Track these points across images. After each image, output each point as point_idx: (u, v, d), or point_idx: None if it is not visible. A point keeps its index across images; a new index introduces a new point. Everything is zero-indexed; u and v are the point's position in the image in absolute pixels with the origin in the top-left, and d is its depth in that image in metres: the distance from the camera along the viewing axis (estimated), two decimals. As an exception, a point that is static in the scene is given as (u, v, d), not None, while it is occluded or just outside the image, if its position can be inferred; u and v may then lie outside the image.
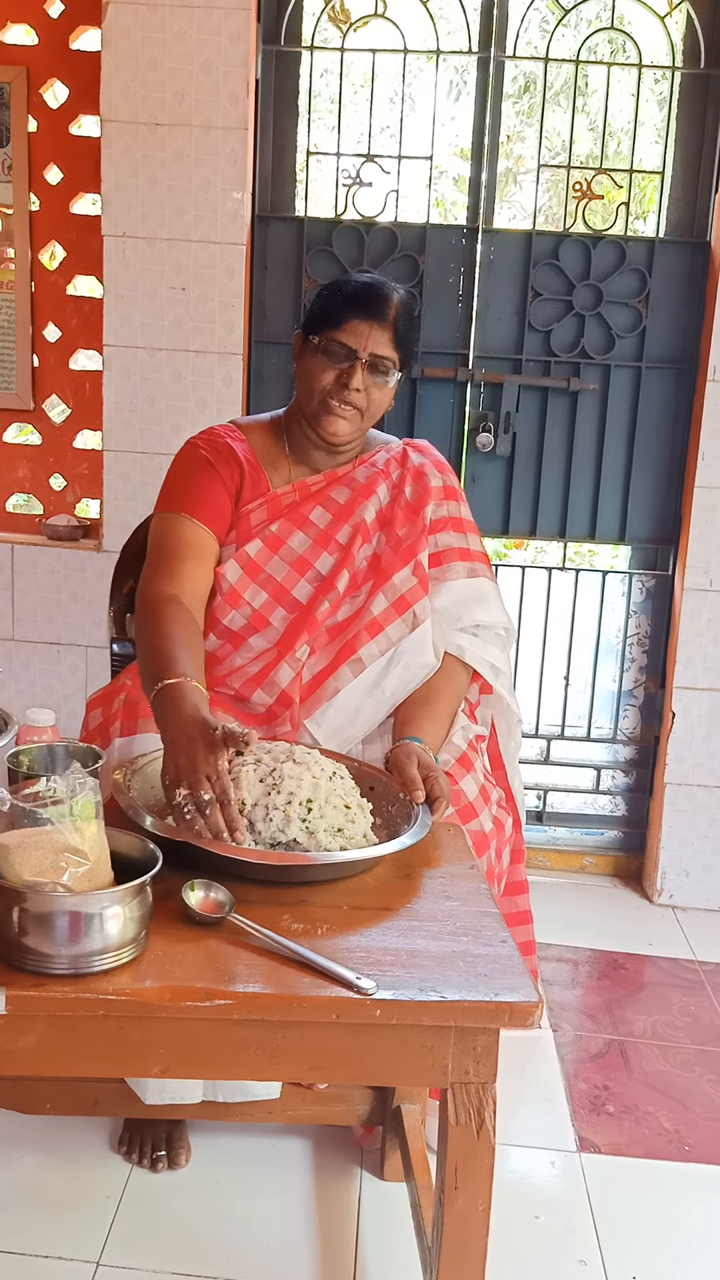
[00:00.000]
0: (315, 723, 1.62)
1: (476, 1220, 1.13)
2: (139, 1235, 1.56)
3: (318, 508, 1.74)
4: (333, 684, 1.64)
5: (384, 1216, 1.63)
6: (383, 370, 1.67)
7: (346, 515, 1.74)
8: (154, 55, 2.41)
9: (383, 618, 1.69)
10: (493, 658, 1.75)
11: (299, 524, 1.73)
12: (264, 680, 1.64)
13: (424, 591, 1.71)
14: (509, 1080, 1.90)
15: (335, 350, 1.66)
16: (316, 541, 1.72)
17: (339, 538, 1.73)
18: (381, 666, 1.66)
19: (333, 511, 1.74)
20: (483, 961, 1.14)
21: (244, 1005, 1.06)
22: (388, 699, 1.67)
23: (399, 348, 1.68)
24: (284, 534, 1.72)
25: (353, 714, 1.65)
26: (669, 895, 2.71)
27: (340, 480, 1.77)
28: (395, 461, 1.81)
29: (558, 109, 2.61)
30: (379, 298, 1.67)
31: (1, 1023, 1.06)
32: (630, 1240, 1.62)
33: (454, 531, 1.78)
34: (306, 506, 1.74)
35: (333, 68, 2.56)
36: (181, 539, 1.69)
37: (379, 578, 1.72)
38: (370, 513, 1.75)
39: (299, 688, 1.64)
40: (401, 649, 1.67)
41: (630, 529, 2.71)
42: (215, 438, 1.77)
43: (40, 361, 2.72)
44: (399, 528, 1.75)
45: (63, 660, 2.74)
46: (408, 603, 1.70)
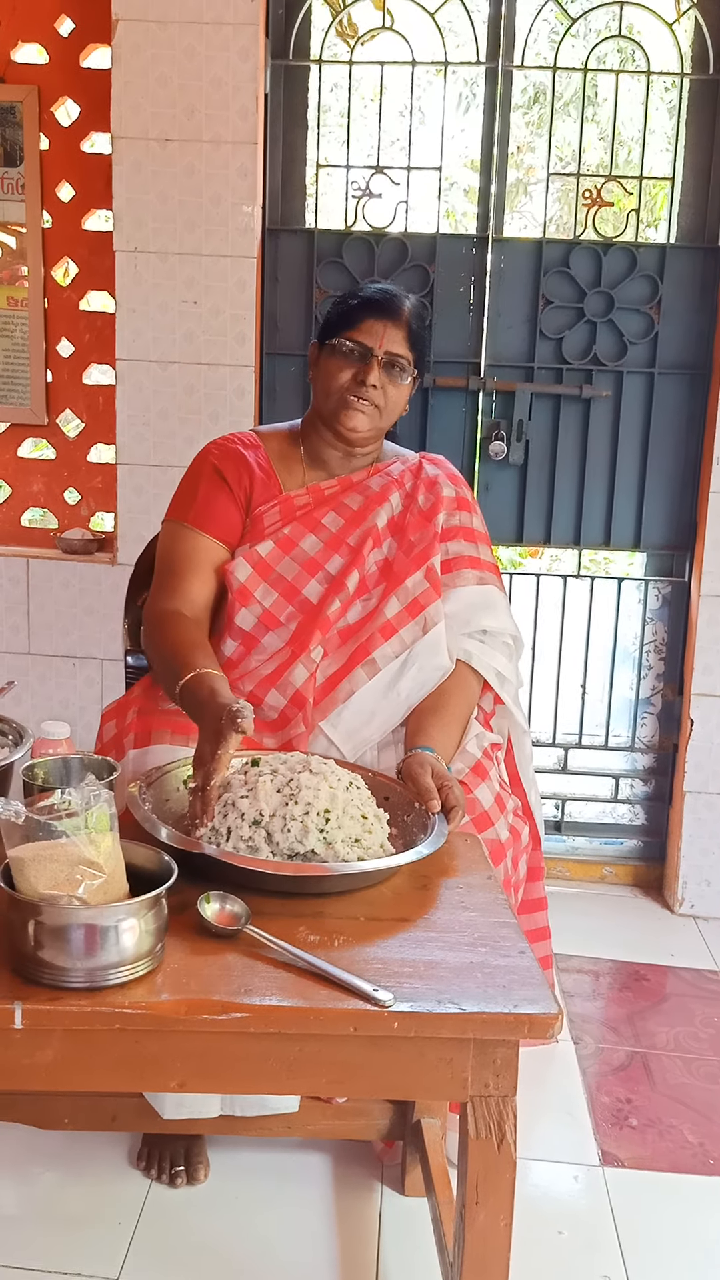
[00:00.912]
0: (331, 725, 1.63)
1: (498, 1236, 1.11)
2: (158, 1252, 1.55)
3: (330, 512, 1.76)
4: (347, 686, 1.65)
5: (405, 1232, 1.61)
6: (399, 368, 1.72)
7: (359, 520, 1.76)
8: (164, 72, 2.42)
9: (396, 620, 1.70)
10: (499, 665, 1.76)
11: (311, 527, 1.75)
12: (278, 680, 1.65)
13: (436, 595, 1.72)
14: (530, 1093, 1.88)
15: (352, 349, 1.71)
16: (328, 544, 1.74)
17: (350, 541, 1.75)
18: (396, 668, 1.67)
19: (345, 517, 1.76)
20: (501, 973, 1.13)
21: (261, 1018, 1.05)
22: (403, 701, 1.67)
23: (413, 347, 1.73)
24: (296, 536, 1.74)
25: (368, 716, 1.65)
26: (690, 905, 2.68)
27: (354, 487, 1.79)
28: (410, 472, 1.83)
29: (567, 118, 2.61)
30: (393, 299, 1.74)
31: (18, 1037, 1.05)
32: (655, 1256, 1.59)
33: (465, 541, 1.80)
34: (320, 511, 1.76)
35: (341, 81, 2.57)
36: (184, 553, 1.73)
37: (391, 581, 1.73)
38: (382, 519, 1.76)
39: (313, 688, 1.65)
40: (415, 651, 1.68)
41: (645, 535, 2.69)
42: (229, 445, 1.81)
43: (54, 377, 2.74)
44: (411, 534, 1.77)
45: (78, 673, 2.75)
46: (420, 605, 1.71)
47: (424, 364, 1.78)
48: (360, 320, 1.71)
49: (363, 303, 1.73)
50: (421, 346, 1.76)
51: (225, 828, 1.32)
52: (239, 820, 1.31)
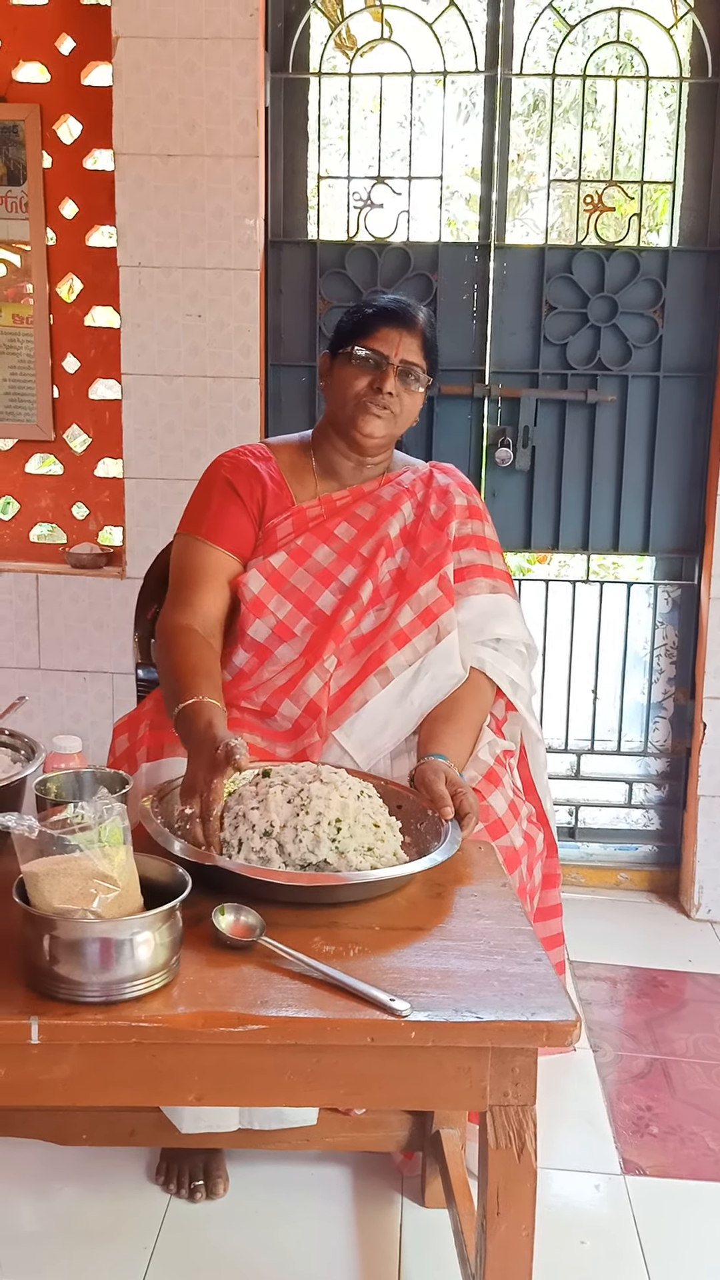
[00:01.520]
0: (345, 734, 1.63)
1: (520, 1246, 1.11)
2: (179, 1267, 1.54)
3: (343, 523, 1.77)
4: (360, 695, 1.65)
5: (426, 1244, 1.60)
6: (414, 377, 1.73)
7: (371, 530, 1.76)
8: (164, 88, 2.44)
9: (409, 629, 1.70)
10: (513, 673, 1.75)
11: (324, 538, 1.75)
12: (292, 690, 1.65)
13: (449, 604, 1.72)
14: (549, 1102, 1.87)
15: (368, 357, 1.71)
16: (341, 555, 1.74)
17: (363, 551, 1.75)
18: (409, 678, 1.67)
19: (358, 527, 1.77)
20: (518, 981, 1.12)
21: (277, 1030, 1.05)
22: (416, 710, 1.67)
23: (427, 356, 1.74)
24: (309, 547, 1.75)
25: (382, 725, 1.65)
26: (707, 910, 2.67)
27: (366, 498, 1.80)
28: (421, 481, 1.83)
29: (567, 125, 2.62)
30: (408, 309, 1.75)
31: (35, 1052, 1.05)
32: (679, 1264, 1.58)
33: (477, 549, 1.80)
34: (332, 522, 1.77)
35: (341, 93, 2.58)
36: (197, 566, 1.74)
37: (404, 590, 1.73)
38: (395, 528, 1.77)
39: (327, 698, 1.65)
40: (429, 660, 1.68)
41: (654, 539, 2.69)
42: (240, 458, 1.81)
43: (60, 392, 2.75)
44: (424, 543, 1.77)
45: (89, 688, 2.75)
46: (434, 614, 1.71)
47: (436, 374, 1.79)
48: (375, 329, 1.72)
49: (378, 312, 1.74)
50: (434, 355, 1.77)
51: (237, 839, 1.32)
52: (250, 832, 1.31)
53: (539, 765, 1.82)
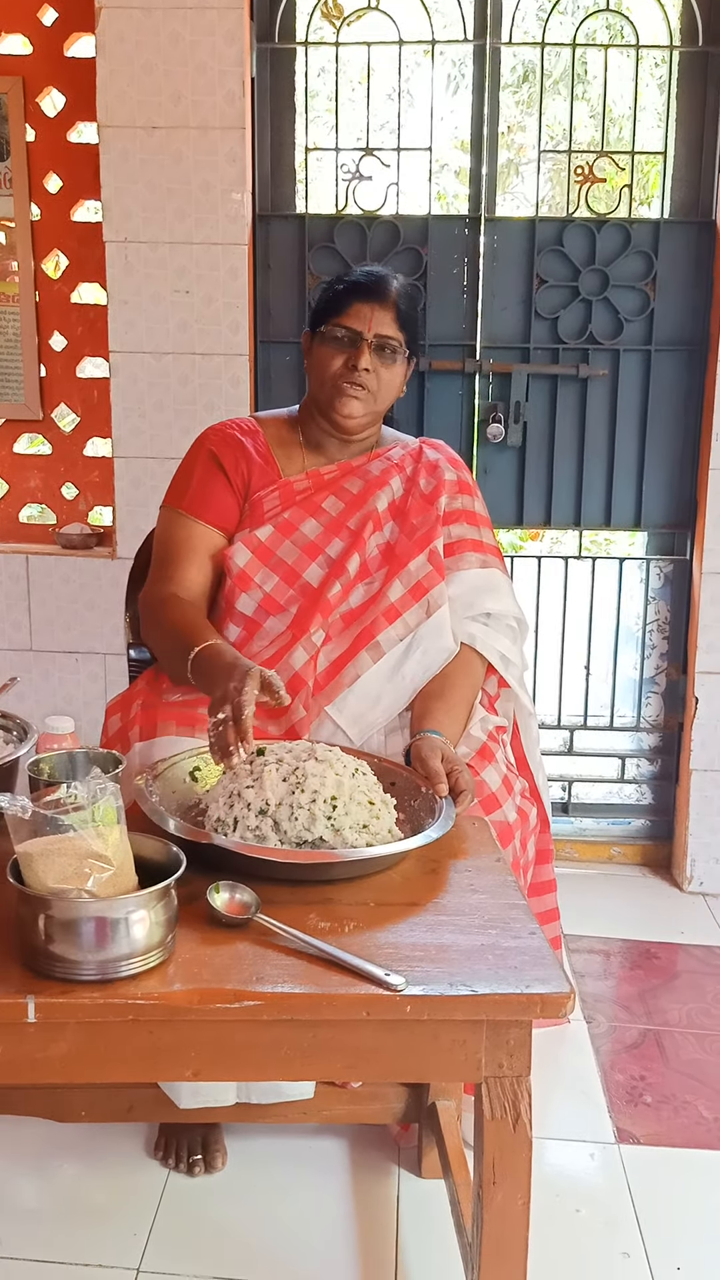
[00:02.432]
0: (337, 709, 1.63)
1: (516, 1215, 1.12)
2: (178, 1240, 1.56)
3: (330, 497, 1.76)
4: (352, 670, 1.65)
5: (423, 1214, 1.62)
6: (389, 350, 1.71)
7: (359, 504, 1.76)
8: (149, 59, 2.40)
9: (400, 604, 1.70)
10: (503, 648, 1.75)
11: (311, 512, 1.75)
12: (277, 663, 1.65)
13: (440, 578, 1.72)
14: (544, 1073, 1.89)
15: (341, 335, 1.71)
16: (328, 528, 1.74)
17: (350, 524, 1.74)
18: (401, 652, 1.67)
19: (345, 501, 1.76)
20: (512, 954, 1.13)
21: (273, 1006, 1.05)
22: (408, 684, 1.67)
23: (404, 328, 1.72)
24: (296, 520, 1.74)
25: (374, 699, 1.65)
26: (699, 882, 2.69)
27: (354, 471, 1.79)
28: (410, 456, 1.83)
29: (557, 97, 2.59)
30: (379, 281, 1.73)
31: (31, 1031, 1.05)
32: (673, 1231, 1.60)
33: (467, 524, 1.80)
34: (320, 496, 1.76)
35: (328, 65, 2.55)
36: (180, 540, 1.74)
37: (394, 565, 1.73)
38: (383, 502, 1.76)
39: (313, 671, 1.65)
40: (420, 634, 1.68)
41: (646, 515, 2.68)
42: (226, 431, 1.81)
43: (47, 371, 2.73)
44: (413, 517, 1.77)
45: (81, 668, 2.74)
46: (424, 589, 1.71)
47: (417, 345, 1.78)
48: (348, 305, 1.71)
49: (349, 287, 1.72)
50: (413, 327, 1.75)
51: (232, 818, 1.32)
52: (245, 810, 1.31)
53: (531, 740, 1.83)
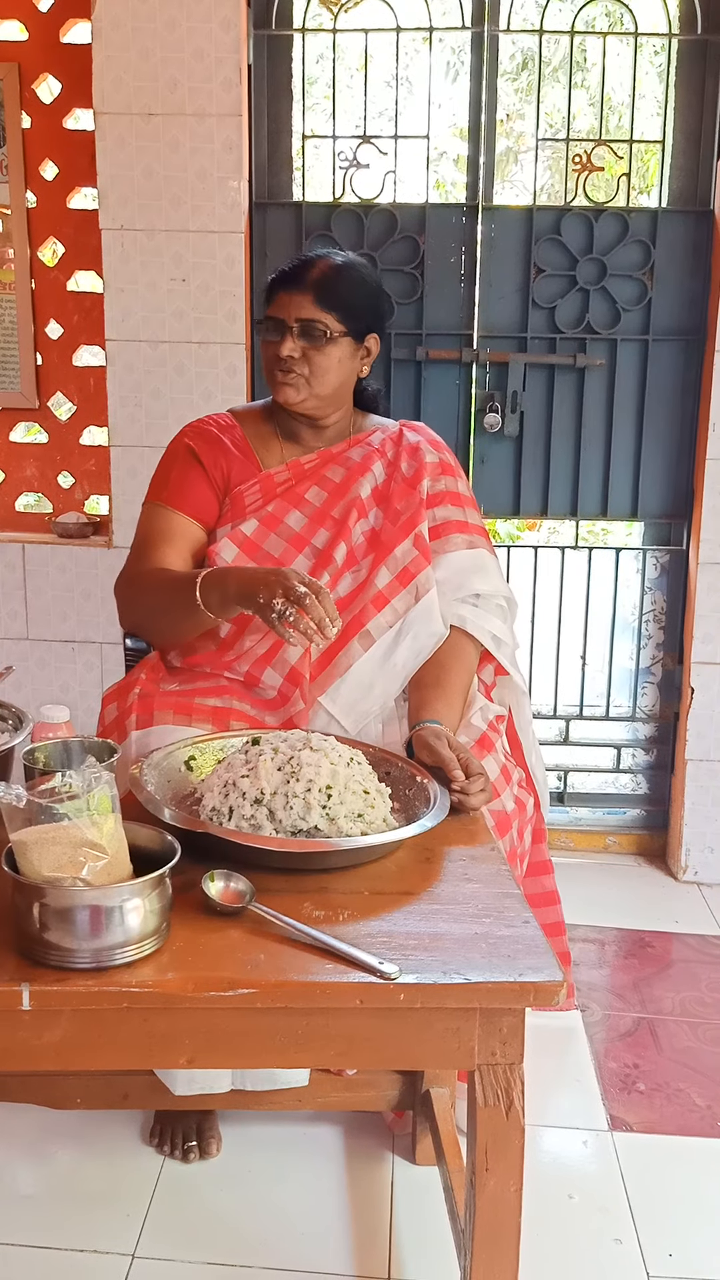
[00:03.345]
0: (330, 699, 1.63)
1: (509, 1201, 1.12)
2: (174, 1226, 1.57)
3: (314, 487, 1.76)
4: (344, 659, 1.65)
5: (417, 1200, 1.63)
6: (315, 334, 1.69)
7: (342, 493, 1.75)
8: (145, 45, 2.39)
9: (388, 590, 1.70)
10: (494, 629, 1.75)
11: (295, 503, 1.75)
12: (273, 658, 1.65)
13: (426, 562, 1.72)
14: (538, 1061, 1.90)
15: (270, 326, 1.72)
16: (313, 519, 1.74)
17: (334, 513, 1.74)
18: (391, 639, 1.67)
19: (328, 490, 1.76)
20: (506, 943, 1.13)
21: (268, 993, 1.06)
22: (400, 670, 1.67)
23: (330, 309, 1.69)
24: (280, 513, 1.74)
25: (367, 688, 1.65)
26: (694, 872, 2.70)
27: (335, 459, 1.79)
28: (391, 441, 1.82)
29: (556, 85, 2.58)
30: (301, 267, 1.73)
31: (26, 1018, 1.06)
32: (665, 1218, 1.61)
33: (452, 505, 1.79)
34: (302, 486, 1.76)
35: (326, 52, 2.53)
36: (158, 529, 1.74)
37: (380, 551, 1.73)
38: (366, 489, 1.76)
39: (309, 664, 1.65)
40: (409, 620, 1.68)
41: (643, 505, 2.68)
42: (203, 427, 1.81)
43: (44, 359, 2.72)
44: (397, 502, 1.76)
45: (78, 658, 2.74)
46: (411, 574, 1.71)
47: (362, 323, 1.72)
48: (275, 295, 1.72)
49: (276, 277, 1.74)
50: (346, 306, 1.70)
51: (227, 807, 1.32)
52: (241, 799, 1.32)
53: (525, 719, 1.82)
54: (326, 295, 1.69)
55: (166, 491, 1.76)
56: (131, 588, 1.71)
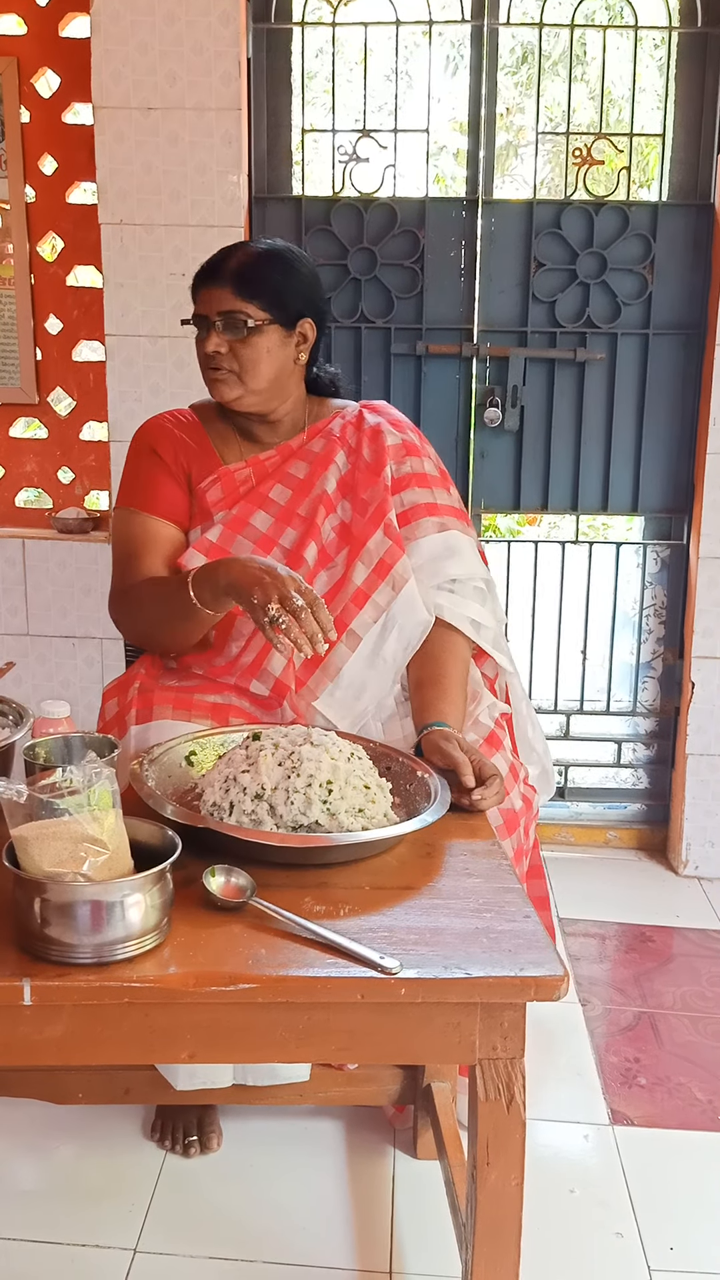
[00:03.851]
0: (325, 704, 1.61)
1: (510, 1195, 1.12)
2: (175, 1221, 1.57)
3: (277, 485, 1.72)
4: (333, 662, 1.62)
5: (418, 1195, 1.63)
6: (237, 325, 1.64)
7: (307, 489, 1.71)
8: (144, 39, 2.38)
9: (366, 586, 1.66)
10: (473, 613, 1.71)
11: (259, 504, 1.71)
12: (259, 670, 1.63)
13: (401, 551, 1.68)
14: (539, 1056, 1.90)
15: (196, 324, 1.68)
16: (279, 519, 1.70)
17: (301, 511, 1.70)
18: (377, 634, 1.64)
19: (292, 487, 1.72)
20: (507, 937, 1.13)
21: (269, 988, 1.06)
22: (390, 665, 1.65)
23: (251, 299, 1.64)
24: (245, 515, 1.70)
25: (359, 689, 1.63)
26: (694, 866, 2.70)
27: (296, 454, 1.75)
28: (351, 426, 1.77)
29: (556, 78, 2.57)
30: (219, 259, 1.68)
31: (27, 1013, 1.06)
32: (666, 1211, 1.61)
33: (419, 487, 1.74)
34: (266, 485, 1.72)
35: (325, 46, 2.53)
36: (138, 537, 1.71)
37: (353, 546, 1.69)
38: (331, 483, 1.72)
39: (293, 674, 1.62)
40: (392, 613, 1.65)
41: (643, 499, 2.68)
42: (161, 423, 1.77)
43: (43, 355, 2.71)
44: (363, 491, 1.72)
45: (78, 653, 2.74)
46: (387, 565, 1.67)
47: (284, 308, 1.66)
48: (198, 293, 1.68)
49: (197, 275, 1.70)
50: (267, 292, 1.64)
51: (228, 802, 1.32)
52: (241, 794, 1.31)
53: (518, 696, 1.80)
54: (246, 285, 1.63)
55: (137, 496, 1.72)
56: (125, 603, 1.68)
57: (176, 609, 1.55)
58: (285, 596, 1.40)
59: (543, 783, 1.77)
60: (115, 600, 1.70)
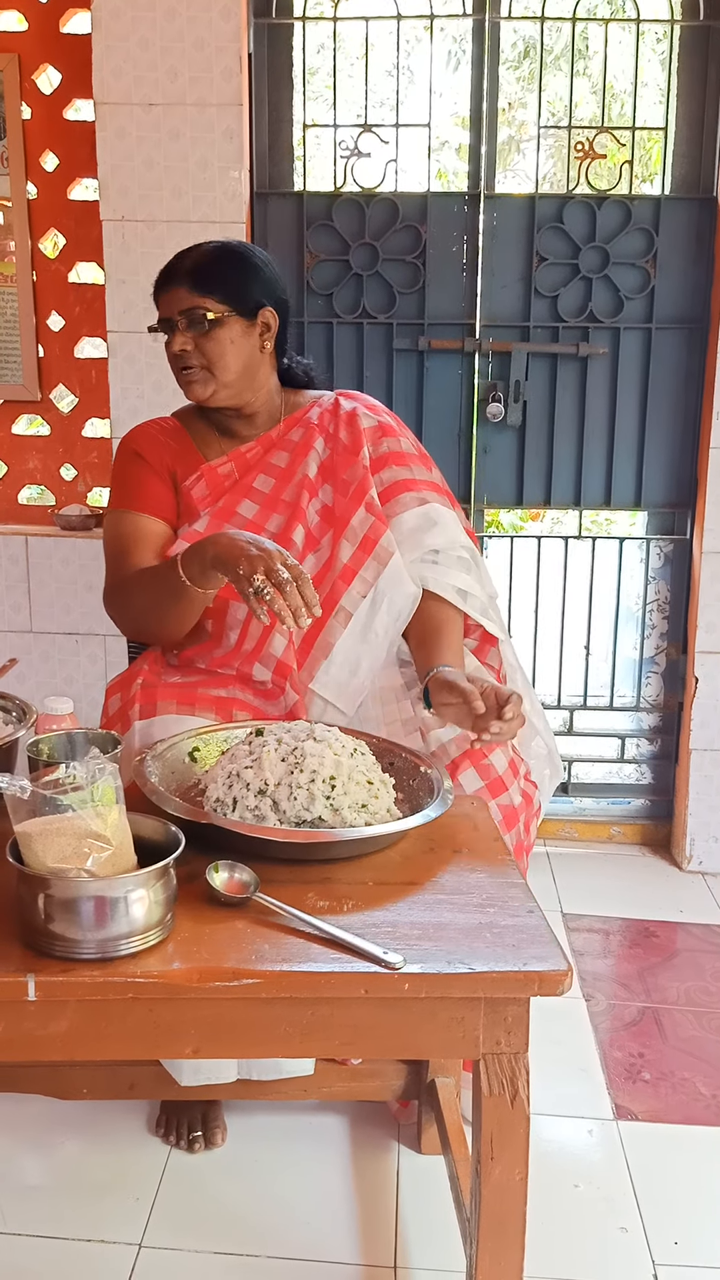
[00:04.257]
0: (320, 684, 1.63)
1: (514, 1190, 1.13)
2: (180, 1216, 1.57)
3: (260, 475, 1.75)
4: (325, 640, 1.65)
5: (423, 1190, 1.63)
6: (198, 320, 1.67)
7: (289, 476, 1.75)
8: (144, 35, 2.38)
9: (353, 562, 1.69)
10: (457, 581, 1.73)
11: (244, 493, 1.74)
12: (260, 653, 1.65)
13: (384, 526, 1.71)
14: (543, 1051, 1.90)
15: (162, 327, 1.71)
16: (264, 505, 1.73)
17: (285, 497, 1.74)
18: (367, 609, 1.67)
19: (275, 476, 1.75)
20: (510, 932, 1.13)
21: (272, 984, 1.06)
22: (382, 640, 1.67)
23: (208, 293, 1.66)
24: (232, 504, 1.73)
25: (354, 665, 1.66)
26: (698, 861, 2.70)
27: (276, 444, 1.78)
28: (328, 414, 1.81)
29: (558, 73, 2.57)
30: (175, 260, 1.72)
31: (32, 1009, 1.06)
32: (671, 1206, 1.61)
33: (396, 465, 1.78)
34: (250, 476, 1.75)
35: (326, 40, 2.52)
36: (128, 534, 1.73)
37: (337, 526, 1.72)
38: (312, 468, 1.75)
39: (293, 654, 1.65)
40: (380, 588, 1.68)
41: (646, 494, 2.68)
42: (143, 430, 1.81)
43: (45, 351, 2.71)
44: (343, 473, 1.75)
45: (81, 650, 2.75)
46: (371, 541, 1.70)
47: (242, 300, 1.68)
48: (160, 297, 1.72)
49: (155, 282, 1.73)
50: (223, 285, 1.67)
51: (231, 798, 1.32)
52: (244, 790, 1.32)
53: (511, 666, 1.81)
54: (201, 280, 1.67)
55: (125, 497, 1.75)
56: (119, 596, 1.69)
57: (168, 591, 1.56)
58: (271, 569, 1.40)
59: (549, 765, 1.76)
60: (109, 595, 1.72)
